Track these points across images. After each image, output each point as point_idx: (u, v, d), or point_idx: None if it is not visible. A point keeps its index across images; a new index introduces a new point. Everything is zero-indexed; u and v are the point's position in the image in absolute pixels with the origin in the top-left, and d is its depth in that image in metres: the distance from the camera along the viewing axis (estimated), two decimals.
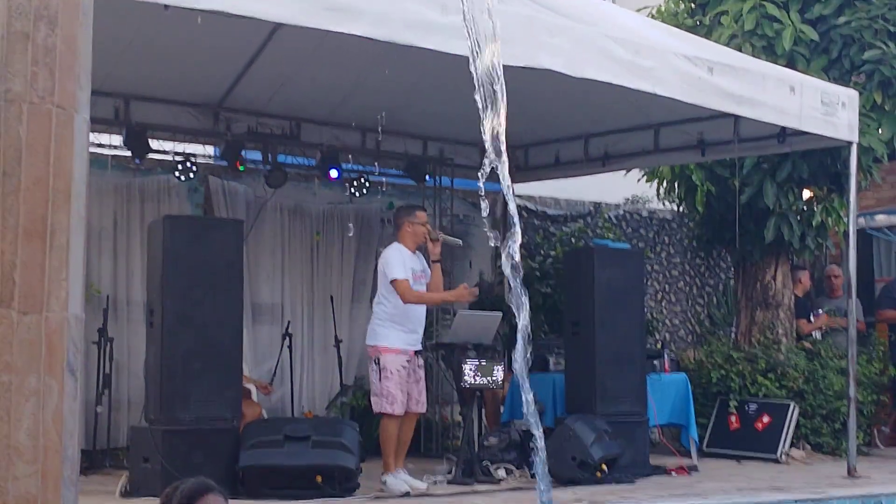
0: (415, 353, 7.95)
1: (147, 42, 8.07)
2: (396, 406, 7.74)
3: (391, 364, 7.76)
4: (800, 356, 10.73)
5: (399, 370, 7.77)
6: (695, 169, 10.92)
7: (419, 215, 8.14)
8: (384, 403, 7.76)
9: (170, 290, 7.46)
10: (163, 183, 9.86)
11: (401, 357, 7.79)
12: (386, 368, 7.76)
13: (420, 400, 7.96)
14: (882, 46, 9.77)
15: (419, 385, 7.96)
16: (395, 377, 7.75)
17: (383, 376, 7.76)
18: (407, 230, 8.06)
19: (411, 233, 8.05)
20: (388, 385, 7.74)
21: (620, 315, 9.03)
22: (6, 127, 2.74)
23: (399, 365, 7.77)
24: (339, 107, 9.90)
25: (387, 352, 7.82)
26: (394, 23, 6.36)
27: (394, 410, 7.74)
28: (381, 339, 7.86)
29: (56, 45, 2.81)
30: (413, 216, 8.11)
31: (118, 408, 9.23)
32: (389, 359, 7.78)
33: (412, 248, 8.07)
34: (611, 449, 8.32)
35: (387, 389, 7.75)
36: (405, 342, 7.85)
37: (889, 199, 12.94)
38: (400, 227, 8.15)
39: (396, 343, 7.82)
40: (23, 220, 2.74)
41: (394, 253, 7.99)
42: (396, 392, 7.73)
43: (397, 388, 7.73)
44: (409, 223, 8.05)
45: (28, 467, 2.70)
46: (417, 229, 8.04)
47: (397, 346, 7.81)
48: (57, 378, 2.78)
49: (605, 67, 7.33)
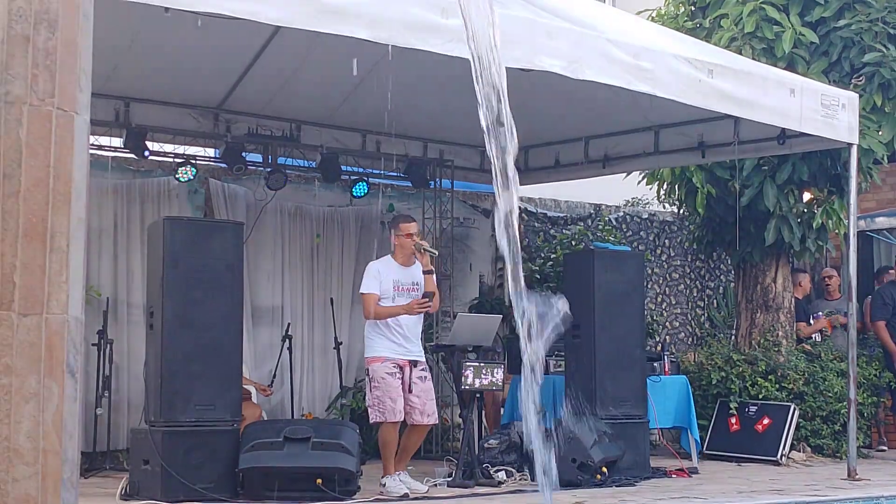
0: (411, 364, 7.86)
1: (147, 44, 8.08)
2: (388, 413, 7.70)
3: (377, 372, 7.77)
4: (800, 358, 10.74)
5: (385, 377, 7.73)
6: (695, 171, 10.93)
7: (402, 227, 7.99)
8: (375, 413, 7.78)
9: (170, 291, 7.45)
10: (163, 185, 9.87)
11: (386, 364, 7.76)
12: (373, 378, 7.79)
13: (425, 411, 7.85)
14: (882, 49, 9.78)
15: (423, 397, 7.86)
16: (382, 385, 7.73)
17: (372, 386, 7.80)
18: (395, 242, 8.03)
19: (399, 245, 8.00)
20: (376, 394, 7.75)
21: (621, 317, 9.03)
22: (6, 129, 2.74)
23: (384, 372, 7.74)
24: (339, 109, 9.91)
25: (373, 361, 7.84)
26: (393, 25, 6.36)
27: (385, 418, 7.72)
28: (368, 349, 7.93)
29: (56, 47, 2.81)
30: (398, 228, 8.01)
31: (118, 410, 9.23)
32: (375, 367, 7.81)
33: (403, 260, 7.98)
34: (611, 451, 8.32)
35: (376, 398, 7.76)
36: (391, 350, 7.82)
37: (889, 200, 12.94)
38: (392, 239, 8.13)
39: (381, 352, 7.82)
40: (23, 222, 2.74)
41: (372, 266, 8.03)
42: (385, 399, 7.71)
43: (386, 395, 7.71)
44: (396, 235, 8.01)
45: (28, 469, 2.70)
46: (403, 241, 7.95)
47: (382, 355, 7.81)
48: (57, 380, 2.78)
49: (605, 69, 7.34)
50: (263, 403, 9.49)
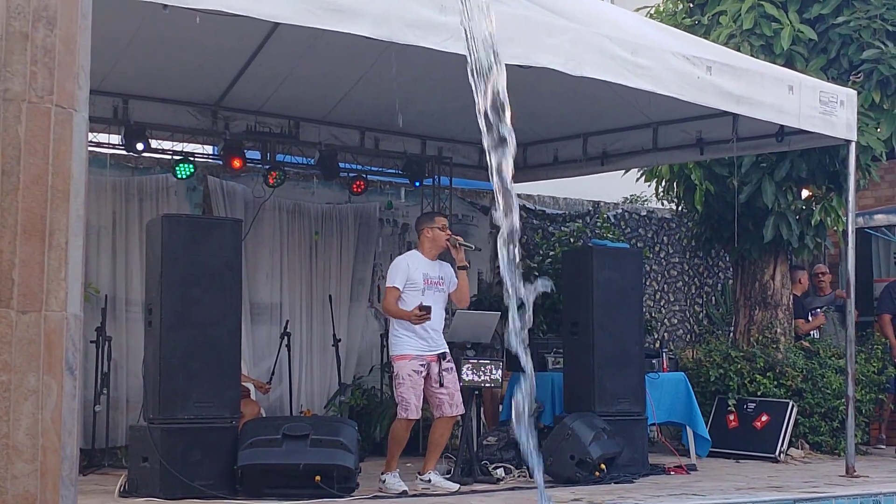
0: (439, 357, 7.90)
1: (146, 41, 8.07)
2: (411, 411, 7.78)
3: (402, 370, 7.83)
4: (798, 355, 10.74)
5: (410, 375, 7.79)
6: (693, 168, 10.93)
7: (438, 220, 8.06)
8: (399, 409, 7.86)
9: (168, 289, 7.45)
10: (161, 182, 9.86)
11: (413, 363, 7.81)
12: (399, 375, 7.85)
13: (454, 403, 7.92)
14: (880, 46, 9.78)
15: (451, 388, 7.90)
16: (408, 382, 7.79)
17: (397, 383, 7.87)
18: (426, 236, 8.00)
19: (430, 238, 7.97)
20: (400, 390, 7.83)
21: (619, 314, 9.03)
22: (5, 126, 2.74)
23: (410, 370, 7.80)
24: (338, 106, 9.90)
25: (400, 359, 7.88)
26: (393, 22, 6.36)
27: (407, 415, 7.80)
28: (395, 347, 7.94)
29: (55, 44, 2.81)
30: (432, 221, 8.04)
31: (117, 407, 9.23)
32: (402, 364, 7.86)
33: (431, 255, 7.99)
34: (609, 448, 8.32)
35: (400, 395, 7.84)
36: (418, 349, 7.86)
37: (887, 198, 12.94)
38: (420, 234, 8.10)
39: (406, 350, 7.85)
40: (21, 219, 2.74)
41: (401, 261, 8.02)
42: (410, 397, 7.77)
43: (410, 392, 7.77)
44: (429, 229, 7.99)
45: (27, 466, 2.70)
46: (437, 235, 7.95)
47: (407, 353, 7.84)
48: (56, 377, 2.78)
49: (603, 66, 7.33)
50: (262, 400, 9.49)
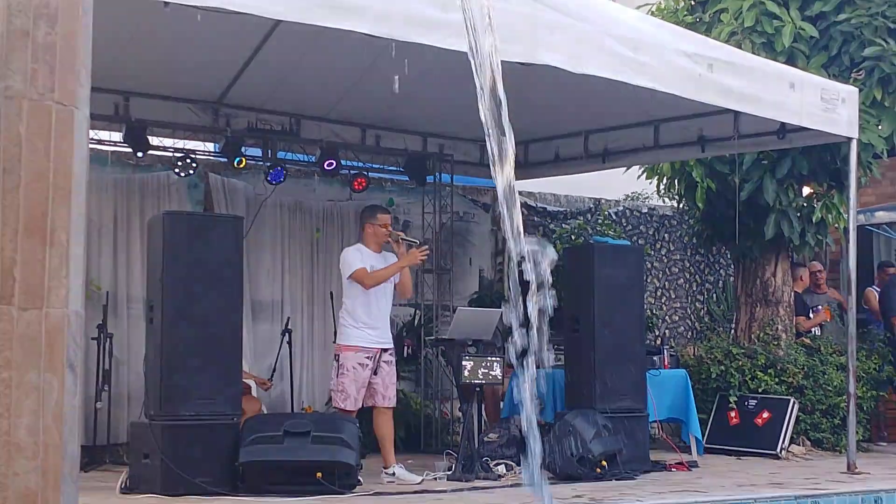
0: (381, 350, 8.12)
1: (147, 39, 8.08)
2: (349, 402, 7.99)
3: (348, 361, 8.02)
4: (799, 352, 10.75)
5: (355, 367, 8.00)
6: (695, 165, 10.93)
7: (380, 217, 8.36)
8: (338, 399, 8.05)
9: (169, 286, 7.46)
10: (162, 179, 9.87)
11: (359, 355, 8.03)
12: (343, 365, 8.03)
13: (387, 395, 8.14)
14: (882, 43, 9.77)
15: (385, 380, 8.13)
16: (351, 374, 8.01)
17: (339, 372, 8.03)
18: (368, 231, 8.32)
19: (372, 234, 8.30)
20: (342, 380, 8.02)
21: (620, 311, 9.03)
22: (6, 124, 2.74)
23: (355, 362, 8.01)
24: (339, 103, 9.90)
25: (346, 349, 8.07)
26: (394, 20, 6.36)
27: (345, 406, 8.00)
28: (342, 337, 8.16)
29: (56, 42, 2.81)
30: (374, 218, 8.33)
31: (118, 404, 9.23)
32: (348, 356, 8.04)
33: (375, 248, 8.31)
34: (611, 445, 8.33)
35: (340, 384, 8.02)
36: (366, 340, 8.07)
37: (889, 195, 12.95)
38: (363, 229, 8.41)
39: (354, 341, 8.06)
40: (23, 217, 2.74)
41: (351, 252, 8.27)
42: (351, 389, 7.98)
43: (352, 384, 7.99)
44: (371, 225, 8.31)
45: (28, 463, 2.71)
46: (378, 231, 8.29)
47: (355, 344, 8.05)
48: (57, 374, 2.78)
49: (604, 64, 7.34)
50: (263, 397, 9.50)
